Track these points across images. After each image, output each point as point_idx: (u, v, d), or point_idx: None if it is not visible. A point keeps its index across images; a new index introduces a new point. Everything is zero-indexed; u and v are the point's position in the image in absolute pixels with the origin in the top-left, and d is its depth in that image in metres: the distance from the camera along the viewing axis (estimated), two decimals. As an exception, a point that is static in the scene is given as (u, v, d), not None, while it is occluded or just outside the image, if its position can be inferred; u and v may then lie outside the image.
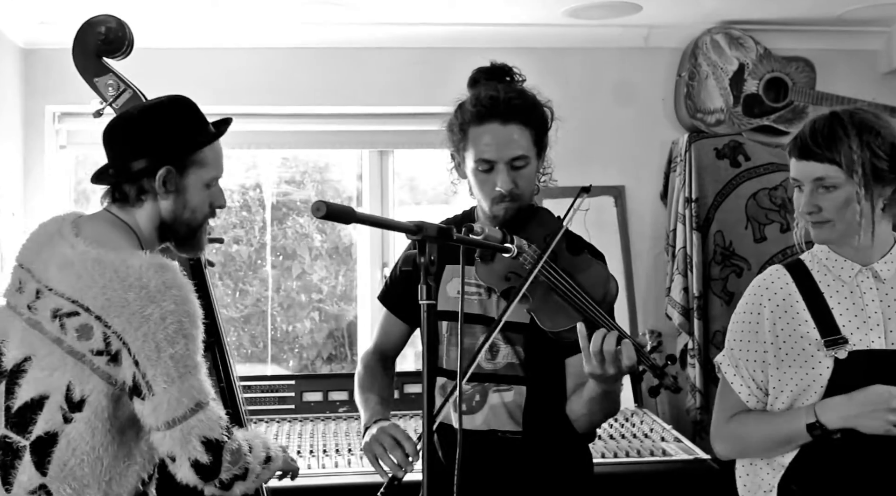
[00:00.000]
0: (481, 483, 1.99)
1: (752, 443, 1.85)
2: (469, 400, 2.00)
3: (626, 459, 2.81)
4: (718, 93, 3.54)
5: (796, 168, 1.80)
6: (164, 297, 1.58)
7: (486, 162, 1.93)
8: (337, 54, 3.55)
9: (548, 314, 1.85)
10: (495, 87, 1.97)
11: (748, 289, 1.90)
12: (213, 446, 1.58)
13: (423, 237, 1.21)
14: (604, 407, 1.90)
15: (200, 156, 1.74)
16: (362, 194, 3.76)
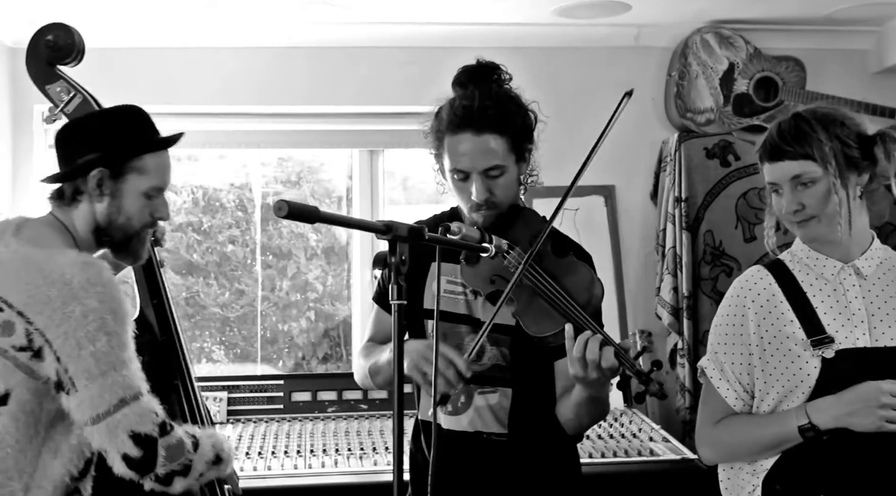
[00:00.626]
0: (467, 484, 1.98)
1: (741, 447, 1.84)
2: (454, 401, 1.98)
3: (614, 459, 2.81)
4: (708, 92, 3.53)
5: (771, 171, 1.80)
6: (87, 295, 1.59)
7: (461, 172, 1.91)
8: (327, 54, 3.55)
9: (532, 318, 1.83)
10: (472, 93, 1.92)
11: (729, 292, 1.89)
12: (144, 440, 1.60)
13: (393, 237, 1.21)
14: (591, 411, 1.88)
15: (140, 163, 1.75)
16: (352, 194, 3.75)
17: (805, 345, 1.77)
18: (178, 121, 3.54)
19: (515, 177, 1.97)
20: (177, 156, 3.86)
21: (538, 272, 1.84)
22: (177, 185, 3.92)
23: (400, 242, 1.21)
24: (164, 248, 2.38)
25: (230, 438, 3.00)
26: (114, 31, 3.37)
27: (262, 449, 2.90)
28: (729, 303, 1.88)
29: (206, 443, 1.74)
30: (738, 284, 1.88)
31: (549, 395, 1.96)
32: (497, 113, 1.90)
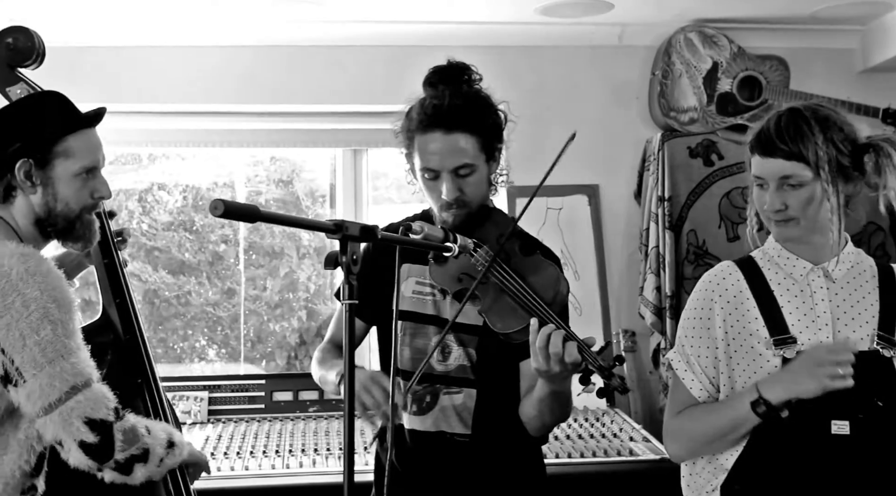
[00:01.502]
0: (430, 484, 1.98)
1: (700, 435, 1.80)
2: (420, 401, 1.99)
3: (593, 459, 2.80)
4: (692, 91, 3.52)
5: (760, 166, 1.77)
6: (26, 285, 1.58)
7: (431, 171, 1.91)
8: (310, 52, 3.54)
9: (498, 315, 1.83)
10: (442, 93, 1.93)
11: (698, 286, 1.88)
12: (99, 425, 1.58)
13: (343, 236, 1.20)
14: (553, 408, 1.88)
15: (64, 146, 1.73)
16: (336, 193, 3.75)
17: (767, 344, 1.76)
18: (160, 119, 3.56)
19: (485, 176, 1.97)
20: (168, 155, 3.86)
21: (505, 270, 1.85)
22: (168, 183, 3.91)
23: (351, 242, 1.20)
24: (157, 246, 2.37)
25: (210, 438, 2.99)
26: (94, 30, 3.36)
27: (241, 449, 2.89)
28: (697, 296, 1.87)
29: (156, 427, 1.73)
30: (707, 278, 1.88)
31: (513, 397, 1.96)
32: (467, 112, 1.90)
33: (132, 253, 3.93)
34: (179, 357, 4.02)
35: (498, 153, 2.01)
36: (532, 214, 3.56)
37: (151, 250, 4.01)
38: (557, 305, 1.84)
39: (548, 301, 1.81)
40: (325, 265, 1.21)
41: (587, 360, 1.71)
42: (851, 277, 1.84)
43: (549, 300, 1.82)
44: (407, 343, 2.00)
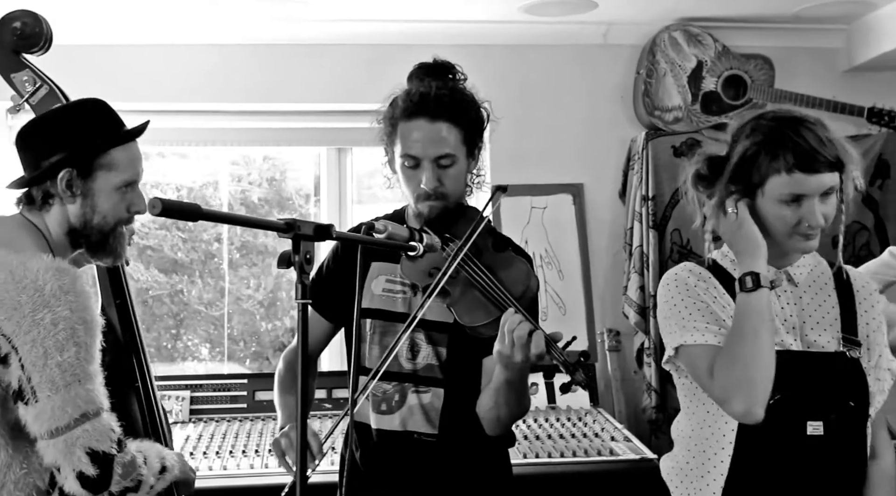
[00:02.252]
0: (397, 484, 1.97)
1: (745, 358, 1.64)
2: (389, 400, 1.98)
3: (572, 459, 2.79)
4: (676, 90, 3.52)
5: (802, 183, 1.67)
6: (58, 303, 1.55)
7: (412, 158, 1.91)
8: (294, 51, 3.53)
9: (466, 309, 1.83)
10: (429, 83, 1.94)
11: (673, 283, 1.79)
12: (101, 458, 1.55)
13: (294, 235, 1.19)
14: (509, 400, 1.85)
15: (108, 158, 1.71)
16: (320, 192, 3.74)
17: None
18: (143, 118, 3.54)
19: (465, 170, 1.97)
20: (162, 153, 3.85)
21: (475, 264, 1.85)
22: (162, 182, 3.90)
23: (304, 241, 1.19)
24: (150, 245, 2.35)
25: (190, 438, 2.99)
26: (78, 28, 3.35)
27: (221, 449, 2.88)
28: (680, 289, 1.77)
29: (151, 454, 1.71)
30: (682, 276, 1.79)
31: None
32: (453, 103, 1.92)
33: None
34: (171, 356, 4.02)
35: (478, 151, 2.01)
36: (516, 213, 3.60)
37: (144, 249, 4.00)
38: (526, 300, 1.83)
39: (517, 296, 1.81)
40: (277, 264, 1.20)
41: (552, 354, 1.71)
42: (812, 281, 1.83)
43: (518, 295, 1.82)
44: (377, 341, 1.99)
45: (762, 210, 1.72)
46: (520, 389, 1.86)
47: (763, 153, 1.69)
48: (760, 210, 1.72)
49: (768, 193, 1.70)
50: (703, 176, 1.79)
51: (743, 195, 1.72)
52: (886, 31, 3.41)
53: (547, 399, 3.31)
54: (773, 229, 1.73)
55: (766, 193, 1.70)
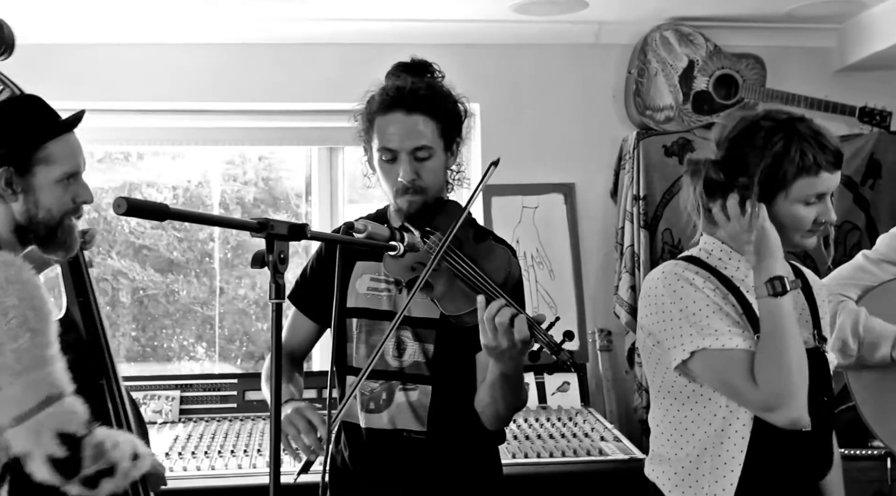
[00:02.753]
0: (386, 483, 1.97)
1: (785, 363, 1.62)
2: (376, 398, 1.97)
3: (562, 459, 2.79)
4: (668, 90, 3.51)
5: (829, 181, 1.69)
6: (5, 293, 1.55)
7: (389, 151, 1.92)
8: (285, 50, 3.53)
9: (450, 299, 1.83)
10: (406, 79, 1.96)
11: (668, 280, 1.73)
12: (70, 440, 1.55)
13: (268, 234, 1.18)
14: (506, 394, 1.85)
15: (45, 153, 1.70)
16: (311, 191, 3.73)
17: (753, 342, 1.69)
18: (135, 117, 3.55)
19: (443, 164, 1.98)
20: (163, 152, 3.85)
21: (457, 255, 1.85)
22: (158, 182, 3.90)
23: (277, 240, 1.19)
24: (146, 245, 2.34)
25: (179, 438, 2.98)
26: (67, 27, 3.35)
27: (210, 449, 2.87)
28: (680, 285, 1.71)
29: (122, 440, 1.70)
30: (673, 275, 1.74)
31: (470, 394, 1.94)
32: (428, 97, 1.93)
33: (120, 251, 3.93)
34: (167, 355, 4.01)
35: (456, 146, 2.01)
36: (507, 213, 3.60)
37: (140, 249, 4.00)
38: (509, 286, 1.84)
39: (499, 283, 1.81)
40: (251, 264, 1.19)
41: (536, 336, 1.71)
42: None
43: (501, 282, 1.82)
44: (363, 340, 1.99)
45: (781, 212, 1.71)
46: (515, 382, 1.86)
47: (790, 155, 1.68)
48: (779, 212, 1.71)
49: (793, 195, 1.69)
50: (717, 182, 1.73)
51: (762, 197, 1.70)
52: (878, 31, 3.40)
53: (538, 399, 3.31)
54: (786, 230, 1.73)
55: (790, 195, 1.69)
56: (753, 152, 1.71)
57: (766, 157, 1.69)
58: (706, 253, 1.81)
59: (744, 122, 1.76)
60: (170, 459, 2.75)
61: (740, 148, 1.73)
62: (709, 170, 1.75)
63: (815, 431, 1.72)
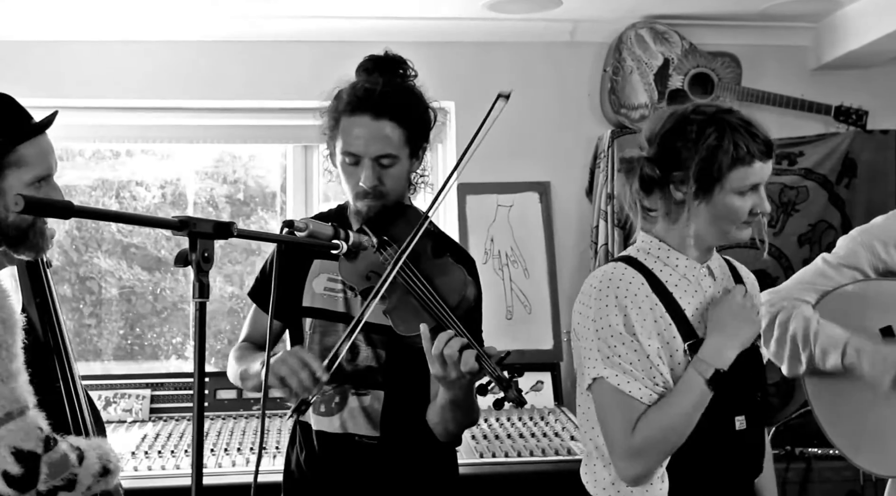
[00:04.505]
0: (337, 488, 1.95)
1: (672, 435, 1.65)
2: (328, 401, 1.95)
3: (529, 459, 2.78)
4: (643, 88, 3.50)
5: (762, 170, 1.69)
6: None
7: (353, 155, 1.88)
8: (259, 48, 3.51)
9: (402, 317, 1.79)
10: (376, 79, 1.90)
11: (598, 290, 1.71)
12: (26, 457, 1.52)
13: (190, 233, 1.17)
14: (456, 417, 1.83)
15: (16, 156, 1.66)
16: (286, 189, 3.72)
17: (684, 351, 1.69)
18: (107, 115, 3.53)
19: (406, 170, 1.94)
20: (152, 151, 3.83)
21: (412, 271, 1.81)
22: (147, 180, 3.88)
23: (200, 239, 1.17)
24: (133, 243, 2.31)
25: (148, 436, 2.97)
26: (40, 25, 3.33)
27: (177, 448, 2.86)
28: (605, 303, 1.69)
29: (91, 456, 1.66)
30: (607, 282, 1.71)
31: (423, 399, 1.91)
32: (398, 102, 1.88)
33: (108, 249, 3.91)
34: (155, 353, 4.00)
35: (422, 151, 1.97)
36: (483, 211, 3.58)
37: (128, 247, 3.98)
38: (462, 310, 1.79)
39: (452, 305, 1.77)
40: (174, 262, 1.17)
41: (485, 370, 1.66)
42: (722, 275, 1.83)
43: (454, 305, 1.78)
44: (317, 341, 1.96)
45: (717, 204, 1.69)
46: (466, 406, 1.83)
47: (724, 146, 1.66)
48: (716, 204, 1.69)
49: (728, 186, 1.68)
50: (653, 178, 1.72)
51: (699, 190, 1.69)
52: (853, 29, 3.39)
53: (511, 398, 3.30)
54: (723, 222, 1.71)
55: (725, 186, 1.68)
56: (686, 146, 1.68)
57: (700, 150, 1.67)
58: (644, 253, 1.77)
59: (674, 117, 1.73)
60: (136, 458, 2.74)
61: (673, 143, 1.71)
62: (643, 167, 1.73)
63: (749, 428, 1.71)
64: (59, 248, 3.82)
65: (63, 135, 3.57)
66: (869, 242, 2.17)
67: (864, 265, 2.15)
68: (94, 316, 3.91)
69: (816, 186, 3.48)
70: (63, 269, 3.82)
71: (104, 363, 3.85)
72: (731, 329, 1.67)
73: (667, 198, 1.73)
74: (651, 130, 1.77)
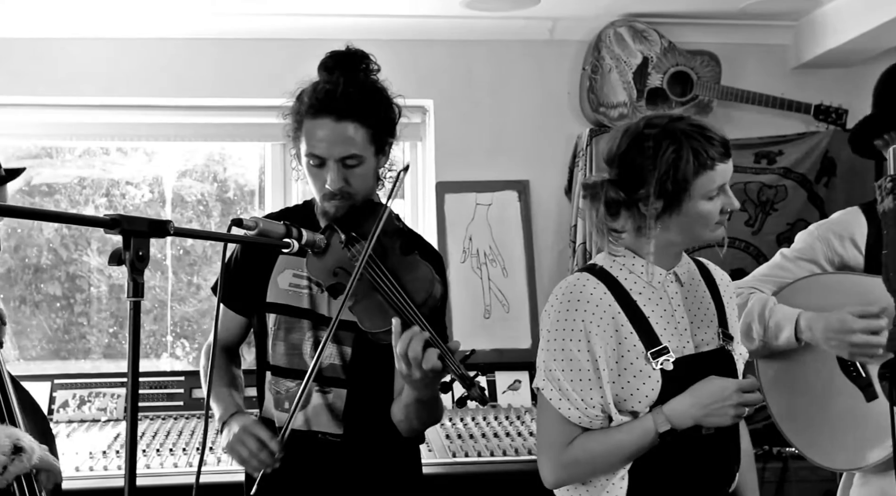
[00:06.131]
0: (301, 485, 1.94)
1: (604, 464, 1.69)
2: (292, 398, 1.94)
3: (502, 458, 2.77)
4: (622, 86, 3.49)
5: (724, 172, 1.68)
6: None
7: (317, 157, 1.86)
8: (236, 45, 3.50)
9: (367, 314, 1.79)
10: (337, 79, 1.88)
11: (559, 303, 1.71)
12: None
13: (122, 230, 1.15)
14: (420, 414, 1.84)
15: None
16: (265, 188, 3.71)
17: (646, 358, 1.68)
18: (84, 112, 3.52)
19: (373, 169, 1.93)
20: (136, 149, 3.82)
21: (379, 268, 1.80)
22: (136, 179, 3.87)
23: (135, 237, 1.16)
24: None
25: (121, 435, 2.95)
26: (13, 22, 3.31)
27: (148, 447, 2.85)
28: (563, 317, 1.68)
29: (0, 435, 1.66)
30: (570, 296, 1.69)
31: (387, 395, 1.92)
32: (360, 101, 1.86)
33: (98, 247, 3.90)
34: (145, 352, 3.99)
35: (388, 147, 1.96)
36: (461, 210, 3.57)
37: (116, 246, 3.96)
38: (427, 308, 1.78)
39: (418, 303, 1.76)
40: (108, 261, 1.16)
41: (448, 368, 1.66)
42: (691, 279, 1.82)
43: (420, 302, 1.77)
44: (281, 337, 1.96)
45: (689, 213, 1.68)
46: (430, 404, 1.83)
47: (683, 157, 1.65)
48: (687, 213, 1.68)
49: (696, 193, 1.67)
50: (617, 201, 1.70)
51: (668, 206, 1.68)
52: (832, 28, 3.38)
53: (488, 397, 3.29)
54: (697, 228, 1.71)
55: (693, 194, 1.67)
56: (646, 163, 1.66)
57: (660, 165, 1.65)
58: (610, 260, 1.76)
59: (628, 136, 1.72)
60: (106, 457, 2.73)
61: (632, 161, 1.69)
62: (607, 191, 1.71)
63: (716, 433, 1.70)
64: (49, 246, 3.81)
65: (38, 133, 3.58)
66: (825, 237, 2.18)
67: (821, 259, 2.16)
68: (83, 314, 3.91)
69: (795, 185, 3.47)
70: (53, 268, 3.81)
71: (94, 361, 3.85)
72: (705, 407, 1.66)
73: (635, 217, 1.72)
74: (609, 152, 1.76)
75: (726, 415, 1.66)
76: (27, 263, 3.80)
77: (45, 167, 3.75)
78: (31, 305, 3.85)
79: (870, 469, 2.06)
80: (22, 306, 3.82)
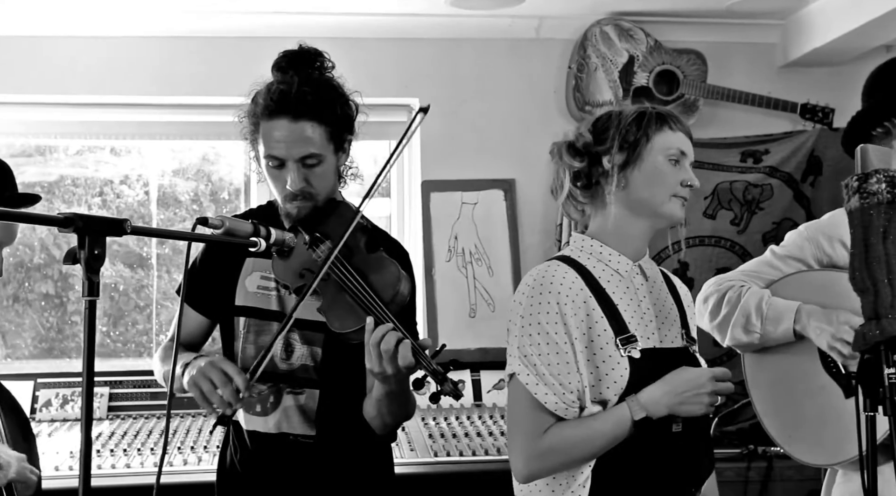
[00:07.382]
0: (272, 487, 1.93)
1: (578, 454, 1.67)
2: (263, 401, 1.93)
3: (485, 458, 2.78)
4: (608, 85, 3.48)
5: (684, 143, 1.75)
6: None
7: (276, 158, 1.85)
8: (223, 43, 3.49)
9: (336, 314, 1.78)
10: (290, 79, 1.86)
11: (531, 289, 1.70)
12: None
13: (76, 229, 1.14)
14: (392, 410, 1.83)
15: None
16: (250, 187, 3.69)
17: (615, 345, 1.68)
18: (71, 111, 3.51)
19: (333, 167, 1.92)
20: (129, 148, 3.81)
21: (345, 267, 1.79)
22: (131, 177, 3.86)
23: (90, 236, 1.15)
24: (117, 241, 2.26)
25: (103, 434, 2.95)
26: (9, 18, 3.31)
27: (129, 447, 2.84)
28: (537, 300, 1.68)
29: None
30: (542, 280, 1.70)
31: (359, 395, 1.90)
32: (315, 100, 1.84)
33: None
34: (139, 351, 3.98)
35: (347, 144, 1.95)
36: (447, 209, 3.56)
37: (110, 244, 3.95)
38: (396, 305, 1.78)
39: (386, 301, 1.76)
40: (63, 260, 1.15)
41: (421, 364, 1.66)
42: (656, 277, 1.82)
43: (388, 300, 1.77)
44: (251, 340, 1.94)
45: (647, 168, 1.72)
46: (401, 399, 1.83)
47: (647, 113, 1.75)
48: (645, 168, 1.72)
49: (656, 146, 1.72)
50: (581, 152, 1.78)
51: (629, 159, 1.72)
52: (819, 26, 3.38)
53: (473, 396, 3.28)
54: (657, 187, 1.73)
55: (653, 147, 1.72)
56: (611, 124, 1.76)
57: (625, 119, 1.74)
58: (578, 250, 1.78)
59: (599, 117, 1.80)
60: (87, 457, 2.72)
61: (599, 121, 1.80)
62: (574, 143, 1.80)
63: (684, 432, 1.69)
64: (41, 245, 3.81)
65: (22, 131, 3.57)
66: (814, 237, 2.18)
67: (809, 258, 2.17)
68: (77, 313, 3.90)
69: (781, 184, 3.46)
70: (46, 266, 3.80)
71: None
72: (679, 395, 1.66)
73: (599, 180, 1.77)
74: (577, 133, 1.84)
75: (700, 403, 1.66)
76: (20, 262, 3.79)
77: (35, 165, 3.74)
78: (24, 304, 3.84)
79: (848, 464, 2.06)
80: (14, 305, 3.81)
